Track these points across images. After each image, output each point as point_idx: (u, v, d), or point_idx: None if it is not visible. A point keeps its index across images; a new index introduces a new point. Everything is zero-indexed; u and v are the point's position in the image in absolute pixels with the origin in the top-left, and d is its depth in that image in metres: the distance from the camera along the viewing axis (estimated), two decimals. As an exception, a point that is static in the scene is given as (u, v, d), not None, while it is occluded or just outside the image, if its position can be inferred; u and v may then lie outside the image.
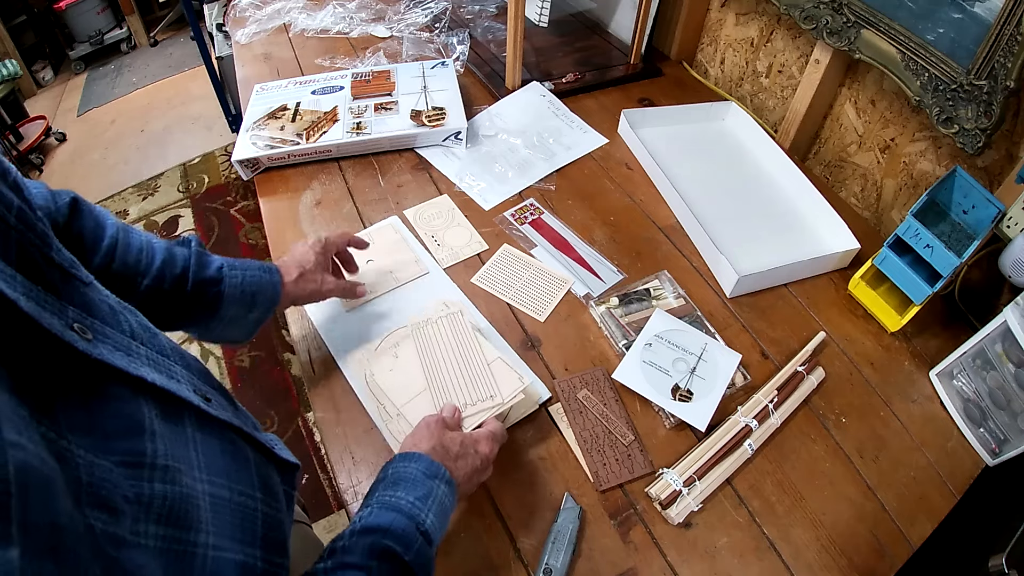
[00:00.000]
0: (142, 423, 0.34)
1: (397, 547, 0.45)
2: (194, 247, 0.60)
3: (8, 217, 0.31)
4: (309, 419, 1.60)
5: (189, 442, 0.38)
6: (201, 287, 0.58)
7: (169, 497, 0.33)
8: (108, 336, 0.35)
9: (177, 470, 0.34)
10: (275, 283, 0.64)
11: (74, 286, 0.35)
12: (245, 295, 0.61)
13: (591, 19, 1.36)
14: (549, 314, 0.80)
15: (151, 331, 0.41)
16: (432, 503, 0.49)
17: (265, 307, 0.64)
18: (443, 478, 0.52)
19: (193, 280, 0.58)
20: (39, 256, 0.32)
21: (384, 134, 1.00)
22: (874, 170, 0.98)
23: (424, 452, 0.53)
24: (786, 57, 1.06)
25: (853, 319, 0.82)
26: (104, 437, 0.31)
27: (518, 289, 0.83)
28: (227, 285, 0.60)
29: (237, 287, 0.60)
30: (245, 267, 0.62)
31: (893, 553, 0.62)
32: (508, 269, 0.85)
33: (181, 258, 0.58)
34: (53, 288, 0.33)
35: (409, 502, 0.48)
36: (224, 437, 0.42)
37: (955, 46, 0.74)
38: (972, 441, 0.71)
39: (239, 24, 1.36)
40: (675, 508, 0.62)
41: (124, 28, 3.24)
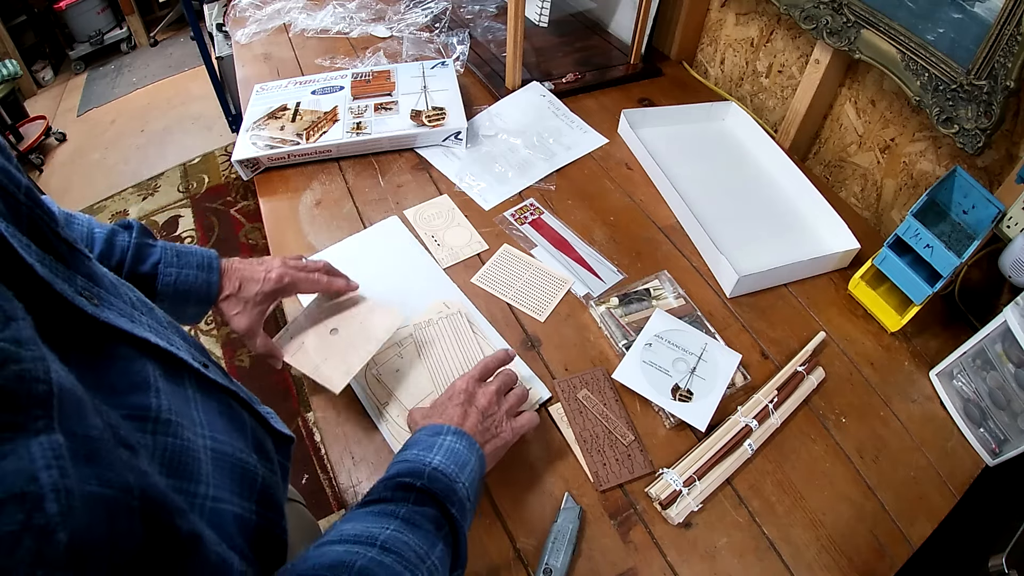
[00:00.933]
0: (147, 380, 0.35)
1: (407, 478, 0.48)
2: (133, 239, 0.58)
3: (18, 195, 0.33)
4: (309, 419, 1.60)
5: (190, 401, 0.39)
6: (135, 281, 0.57)
7: (171, 449, 0.34)
8: (112, 304, 0.37)
9: (179, 424, 0.36)
10: (211, 283, 0.62)
11: (79, 259, 0.36)
12: (178, 294, 0.60)
13: (591, 19, 1.36)
14: (549, 314, 0.80)
15: (148, 305, 0.43)
16: (438, 449, 0.52)
17: (200, 306, 0.62)
18: (448, 432, 0.54)
19: (127, 273, 0.57)
20: (48, 230, 0.34)
21: (384, 134, 1.00)
22: (874, 170, 0.98)
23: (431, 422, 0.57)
24: (786, 57, 1.06)
25: (853, 319, 0.82)
26: (112, 392, 0.32)
27: (518, 289, 0.82)
28: (160, 283, 0.59)
29: (170, 286, 0.59)
30: (182, 263, 0.60)
31: (893, 553, 0.62)
32: (508, 269, 0.85)
33: (119, 250, 0.57)
34: (62, 259, 0.34)
35: (414, 454, 0.51)
36: (222, 401, 0.43)
37: (955, 46, 0.74)
38: (972, 441, 0.71)
39: (239, 24, 1.36)
40: (675, 508, 0.62)
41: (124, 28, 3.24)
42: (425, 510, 0.47)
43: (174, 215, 2.28)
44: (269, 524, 0.42)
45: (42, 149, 2.66)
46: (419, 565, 0.42)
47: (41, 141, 2.64)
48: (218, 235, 2.16)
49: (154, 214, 2.29)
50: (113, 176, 2.51)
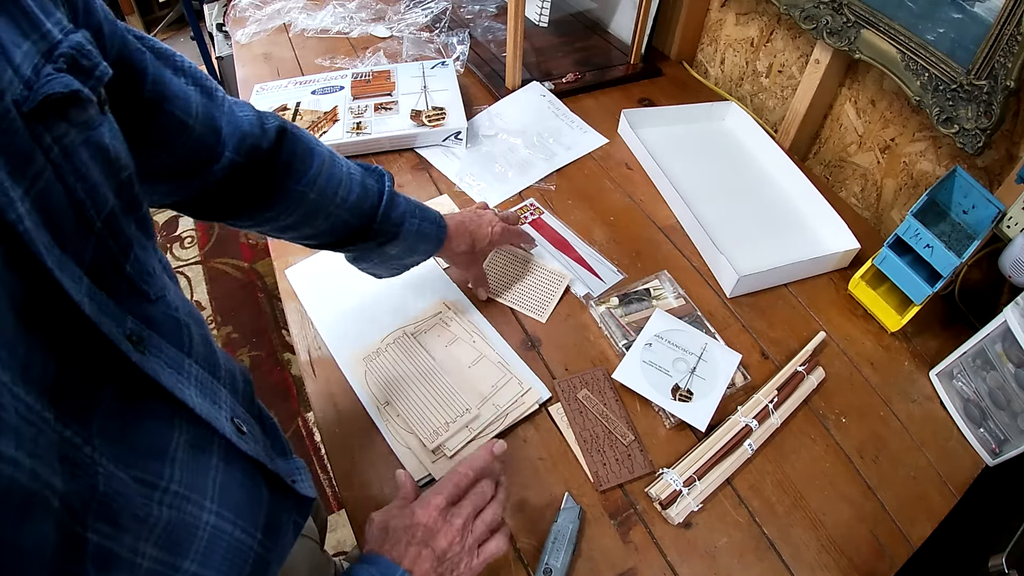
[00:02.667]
0: (166, 449, 0.34)
1: None
2: (387, 184, 0.63)
3: (95, 221, 0.30)
4: (309, 419, 1.60)
5: (211, 471, 0.37)
6: (384, 225, 0.63)
7: (172, 523, 0.33)
8: (162, 351, 0.35)
9: (186, 498, 0.35)
10: (440, 238, 0.69)
11: (137, 300, 0.34)
12: (418, 237, 0.66)
13: (591, 19, 1.36)
14: (550, 314, 0.80)
15: (210, 347, 0.41)
16: None
17: (423, 256, 0.70)
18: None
19: (381, 217, 0.62)
20: (111, 265, 0.32)
21: (384, 134, 1.00)
22: (874, 170, 0.98)
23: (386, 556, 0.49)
24: (786, 57, 1.06)
25: (853, 319, 0.82)
26: (130, 450, 0.31)
27: (517, 290, 0.83)
28: (405, 228, 0.64)
29: (413, 231, 0.65)
30: (422, 216, 0.67)
31: (893, 553, 0.62)
32: (506, 269, 0.85)
33: (373, 194, 0.62)
34: (117, 297, 0.32)
35: None
36: (246, 472, 0.41)
37: (955, 46, 0.74)
38: (972, 441, 0.71)
39: (239, 24, 1.36)
40: (675, 508, 0.62)
41: (124, 28, 3.24)
42: None
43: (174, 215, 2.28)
44: None
45: (42, 149, 2.65)
46: None
47: (41, 141, 2.64)
48: (218, 235, 2.16)
49: (154, 214, 2.29)
50: (113, 176, 2.51)
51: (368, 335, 0.76)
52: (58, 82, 0.28)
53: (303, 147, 0.56)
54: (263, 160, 0.53)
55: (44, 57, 0.28)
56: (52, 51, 0.29)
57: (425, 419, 0.67)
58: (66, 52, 0.29)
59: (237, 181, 0.52)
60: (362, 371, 0.73)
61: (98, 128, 0.30)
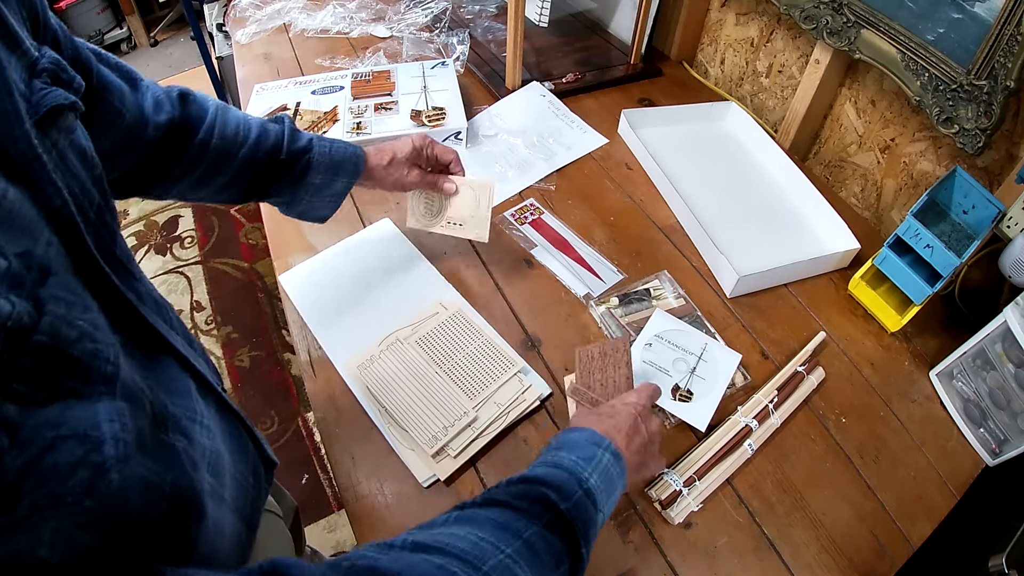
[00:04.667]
0: (189, 387, 0.38)
1: (552, 495, 0.41)
2: (287, 123, 0.66)
3: (89, 212, 0.34)
4: (309, 419, 1.60)
5: (213, 418, 0.41)
6: (292, 155, 0.65)
7: (211, 451, 0.37)
8: (156, 322, 0.39)
9: (212, 431, 0.39)
10: (358, 156, 0.70)
11: (129, 280, 0.38)
12: (332, 163, 0.68)
13: (591, 19, 1.36)
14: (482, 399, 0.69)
15: (184, 328, 0.45)
16: (596, 466, 0.46)
17: (348, 177, 0.70)
18: (608, 448, 0.48)
19: (287, 149, 0.64)
20: (107, 250, 0.35)
21: (384, 134, 1.00)
22: (874, 170, 0.98)
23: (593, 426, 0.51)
24: (786, 57, 1.06)
25: (853, 319, 0.82)
26: (168, 390, 0.35)
27: (458, 361, 0.73)
28: (316, 153, 0.66)
29: (326, 155, 0.67)
30: (333, 143, 0.68)
31: (893, 553, 0.62)
32: (455, 334, 0.76)
33: (275, 132, 0.64)
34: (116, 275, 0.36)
35: (571, 460, 0.45)
36: (233, 425, 0.45)
37: (955, 46, 0.74)
38: (972, 441, 0.71)
39: (239, 24, 1.36)
40: (675, 508, 0.62)
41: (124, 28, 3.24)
42: (553, 539, 0.39)
43: (174, 215, 2.28)
44: (248, 544, 0.44)
45: (42, 149, 2.66)
46: None
47: (41, 141, 2.64)
48: (218, 235, 2.16)
49: (154, 214, 2.29)
50: (113, 176, 2.51)
51: (365, 339, 0.76)
52: (57, 94, 0.32)
53: (198, 105, 0.61)
54: (173, 129, 0.57)
55: (28, 72, 0.31)
56: (34, 66, 0.32)
57: (424, 425, 0.67)
58: (48, 67, 0.33)
59: (155, 154, 0.57)
60: (360, 375, 0.72)
61: (76, 132, 0.35)
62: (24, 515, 0.20)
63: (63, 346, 0.23)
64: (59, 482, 0.21)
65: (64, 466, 0.21)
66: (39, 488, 0.20)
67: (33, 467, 0.20)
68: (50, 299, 0.23)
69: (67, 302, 0.24)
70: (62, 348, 0.23)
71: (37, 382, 0.22)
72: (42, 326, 0.22)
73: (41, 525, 0.20)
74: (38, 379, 0.22)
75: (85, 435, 0.22)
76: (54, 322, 0.23)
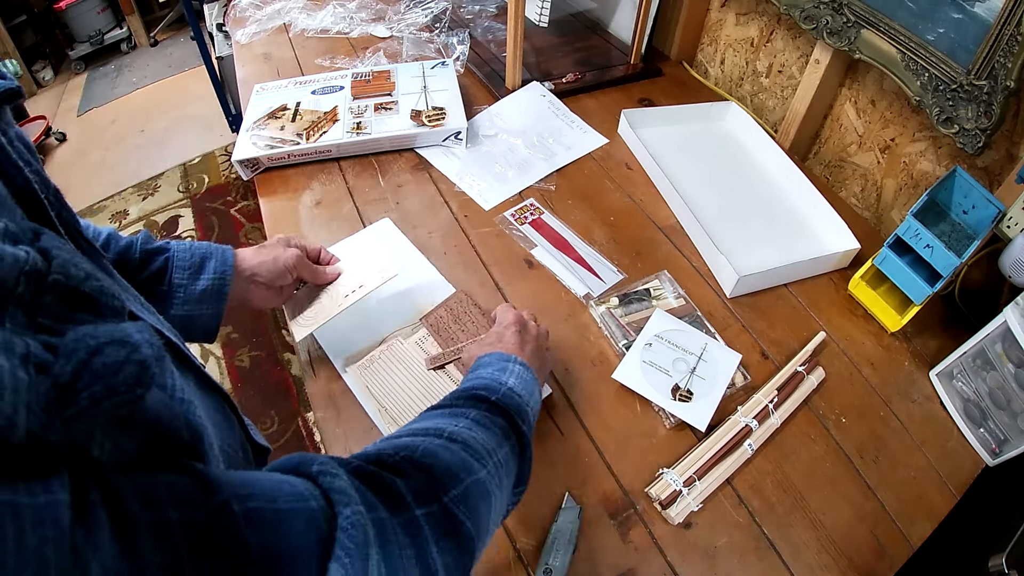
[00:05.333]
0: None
1: (482, 392, 0.50)
2: (143, 231, 0.62)
3: (49, 195, 0.34)
4: (309, 419, 1.60)
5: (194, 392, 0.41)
6: (147, 256, 0.59)
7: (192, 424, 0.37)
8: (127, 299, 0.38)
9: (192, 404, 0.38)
10: (225, 249, 0.63)
11: (97, 257, 0.38)
12: (194, 259, 0.60)
13: (591, 19, 1.36)
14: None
15: (152, 309, 0.44)
16: (510, 373, 0.54)
17: (217, 273, 0.61)
18: (515, 360, 0.56)
19: (140, 249, 0.58)
20: (73, 231, 0.36)
21: (384, 134, 1.00)
22: (874, 170, 0.98)
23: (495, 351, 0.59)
24: (786, 57, 1.06)
25: (853, 319, 0.82)
26: None
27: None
28: (175, 251, 0.60)
29: (185, 251, 0.60)
30: (193, 244, 0.62)
31: (893, 553, 0.62)
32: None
33: (127, 237, 0.60)
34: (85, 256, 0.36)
35: (488, 372, 0.54)
36: (216, 399, 0.45)
37: (955, 46, 0.74)
38: (972, 441, 0.71)
39: (239, 24, 1.36)
40: (675, 508, 0.62)
41: (124, 28, 3.24)
42: (495, 419, 0.47)
43: (174, 215, 2.28)
44: None
45: (42, 149, 2.65)
46: (485, 457, 0.43)
47: (41, 141, 2.64)
48: (218, 235, 2.16)
49: (154, 214, 2.29)
50: (113, 176, 2.51)
51: (365, 339, 0.76)
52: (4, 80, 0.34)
53: None
54: None
55: None
56: None
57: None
58: None
59: None
60: (360, 375, 0.72)
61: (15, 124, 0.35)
62: (85, 407, 0.21)
63: (76, 283, 0.25)
64: (112, 376, 0.23)
65: (112, 364, 0.23)
66: (94, 383, 0.22)
67: (84, 368, 0.22)
68: (52, 248, 0.25)
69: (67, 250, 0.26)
70: (74, 285, 0.25)
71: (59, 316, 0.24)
72: (54, 267, 0.24)
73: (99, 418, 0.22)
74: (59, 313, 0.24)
75: (124, 340, 0.24)
76: (63, 264, 0.25)
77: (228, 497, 0.27)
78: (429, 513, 0.37)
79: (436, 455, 0.41)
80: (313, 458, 0.35)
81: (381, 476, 0.37)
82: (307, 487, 0.33)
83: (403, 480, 0.38)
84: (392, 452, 0.40)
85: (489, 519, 0.42)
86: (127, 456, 0.25)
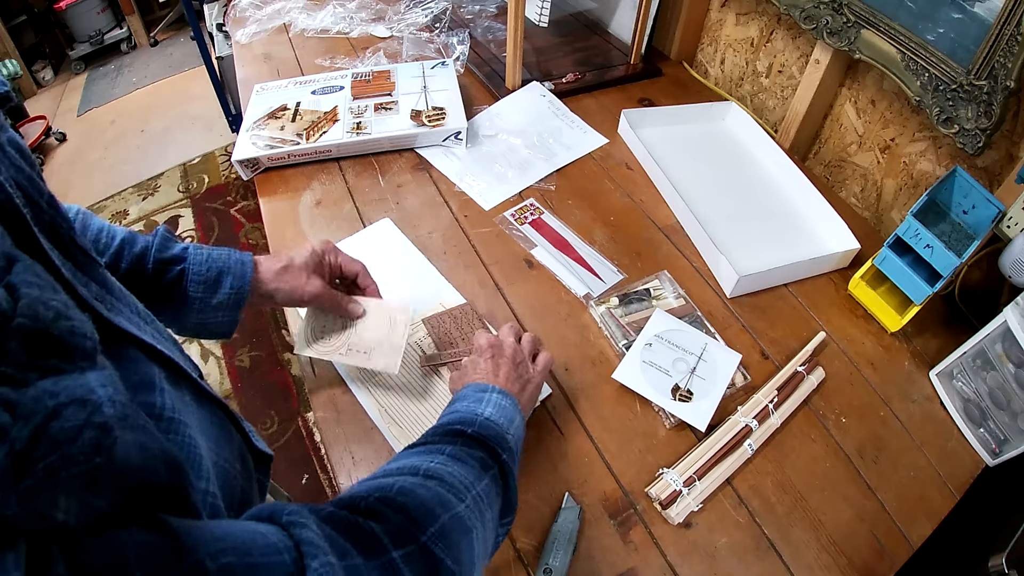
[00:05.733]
0: (154, 380, 0.37)
1: (458, 426, 0.49)
2: (160, 232, 0.58)
3: (41, 202, 0.34)
4: (309, 419, 1.60)
5: (189, 407, 0.40)
6: (162, 266, 0.56)
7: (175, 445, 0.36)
8: (121, 310, 0.38)
9: (183, 423, 0.37)
10: (244, 263, 0.59)
11: (93, 266, 0.37)
12: (211, 272, 0.57)
13: (591, 19, 1.36)
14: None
15: (150, 316, 0.44)
16: (487, 403, 0.53)
17: (235, 286, 0.58)
18: (492, 389, 0.55)
19: (154, 259, 0.55)
20: (67, 238, 0.35)
21: (384, 134, 1.00)
22: (874, 170, 0.98)
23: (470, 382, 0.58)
24: (786, 57, 1.06)
25: (853, 319, 0.82)
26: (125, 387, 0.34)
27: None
28: (191, 263, 0.57)
29: (202, 266, 0.57)
30: (213, 248, 0.59)
31: (893, 553, 0.62)
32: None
33: (142, 240, 0.56)
34: (78, 265, 0.36)
35: (465, 406, 0.53)
36: (214, 412, 0.44)
37: (955, 46, 0.74)
38: (972, 441, 0.71)
39: (239, 24, 1.36)
40: (675, 508, 0.62)
41: (124, 28, 3.24)
42: (473, 451, 0.47)
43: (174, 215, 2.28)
44: None
45: (42, 149, 2.65)
46: (463, 492, 0.42)
47: (41, 141, 2.64)
48: (218, 235, 2.16)
49: (154, 214, 2.29)
50: (113, 176, 2.51)
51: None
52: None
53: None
54: None
55: None
56: None
57: (424, 425, 0.67)
58: None
59: None
60: (360, 375, 0.72)
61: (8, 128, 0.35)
62: (42, 478, 0.21)
63: (43, 326, 0.24)
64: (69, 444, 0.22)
65: (70, 429, 0.22)
66: (51, 453, 0.21)
67: (41, 435, 0.21)
68: (22, 283, 0.24)
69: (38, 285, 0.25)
70: (42, 328, 0.24)
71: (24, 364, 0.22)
72: (20, 309, 0.23)
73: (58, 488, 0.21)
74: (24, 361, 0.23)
75: (84, 400, 0.23)
76: (31, 304, 0.23)
77: (202, 556, 0.27)
78: (407, 554, 0.36)
79: (411, 493, 0.40)
80: (283, 507, 0.35)
81: (354, 521, 0.37)
82: (280, 538, 0.32)
83: (378, 522, 0.37)
84: (365, 494, 0.40)
85: (473, 554, 0.41)
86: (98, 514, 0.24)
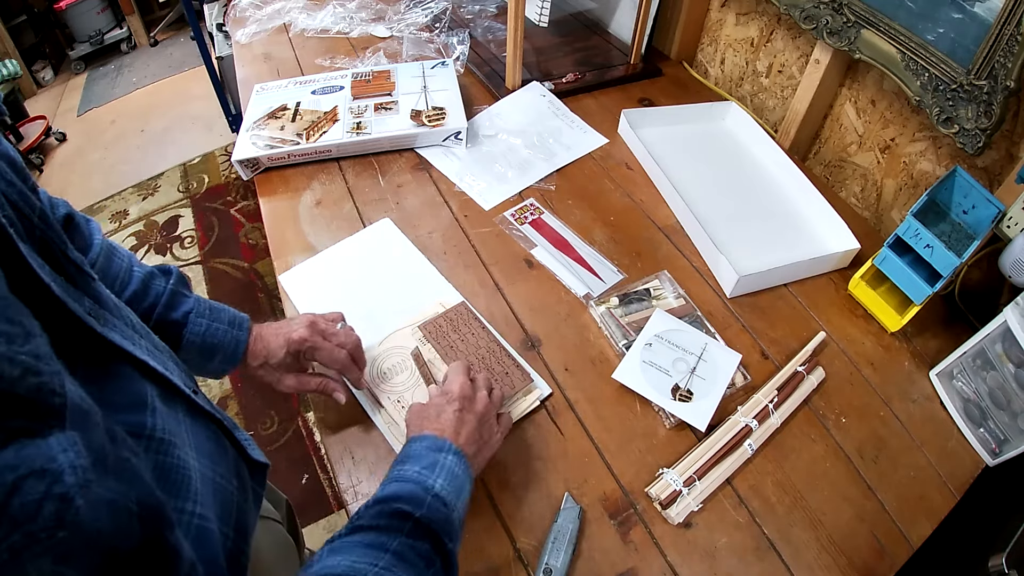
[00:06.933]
0: (145, 399, 0.37)
1: (407, 507, 0.46)
2: (170, 284, 0.59)
3: (32, 217, 0.34)
4: (309, 419, 1.60)
5: (181, 424, 0.40)
6: (163, 327, 0.57)
7: (162, 466, 0.36)
8: (115, 325, 0.38)
9: (172, 443, 0.37)
10: (239, 342, 0.61)
11: (86, 280, 0.37)
12: (205, 347, 0.59)
13: (591, 19, 1.36)
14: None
15: (145, 329, 0.44)
16: (440, 470, 0.50)
17: (225, 363, 0.61)
18: (449, 450, 0.53)
19: (156, 319, 0.57)
20: (58, 252, 0.35)
21: (384, 134, 1.00)
22: (874, 170, 0.98)
23: (430, 431, 0.55)
24: (786, 57, 1.06)
25: (853, 319, 0.82)
26: (112, 409, 0.33)
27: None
28: (188, 332, 0.58)
29: (198, 336, 0.58)
30: (214, 317, 0.60)
31: (893, 553, 0.62)
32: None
33: (153, 294, 0.57)
34: (71, 280, 0.36)
35: (416, 471, 0.50)
36: (208, 427, 0.44)
37: (955, 46, 0.74)
38: (972, 441, 0.71)
39: (239, 24, 1.36)
40: (675, 508, 0.62)
41: (124, 28, 3.24)
42: (418, 544, 0.45)
43: (174, 215, 2.28)
44: (238, 551, 0.43)
45: (42, 149, 2.65)
46: None
47: (41, 141, 2.64)
48: (218, 235, 2.16)
49: (154, 214, 2.29)
50: (113, 176, 2.51)
51: (365, 339, 0.75)
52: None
53: (81, 234, 0.55)
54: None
55: None
56: None
57: None
58: None
59: None
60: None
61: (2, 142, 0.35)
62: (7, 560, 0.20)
63: (6, 386, 0.23)
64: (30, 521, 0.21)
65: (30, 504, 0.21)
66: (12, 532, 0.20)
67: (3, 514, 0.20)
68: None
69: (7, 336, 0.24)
70: (6, 389, 0.23)
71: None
72: None
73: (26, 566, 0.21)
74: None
75: (44, 470, 0.22)
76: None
77: None
78: None
79: None
80: None
81: None
82: None
83: None
84: None
85: None
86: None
